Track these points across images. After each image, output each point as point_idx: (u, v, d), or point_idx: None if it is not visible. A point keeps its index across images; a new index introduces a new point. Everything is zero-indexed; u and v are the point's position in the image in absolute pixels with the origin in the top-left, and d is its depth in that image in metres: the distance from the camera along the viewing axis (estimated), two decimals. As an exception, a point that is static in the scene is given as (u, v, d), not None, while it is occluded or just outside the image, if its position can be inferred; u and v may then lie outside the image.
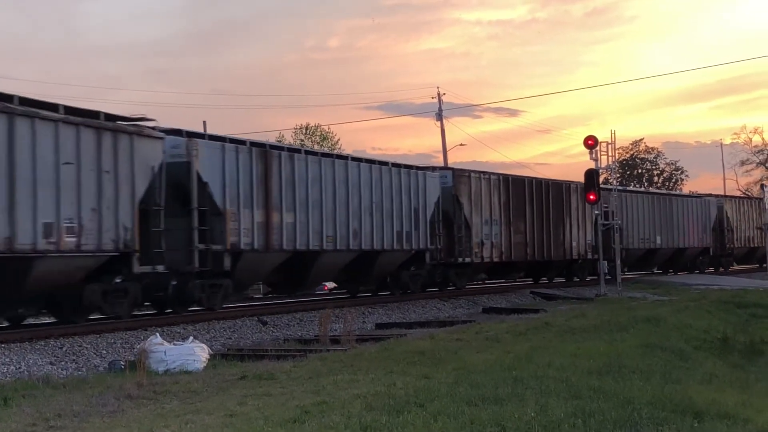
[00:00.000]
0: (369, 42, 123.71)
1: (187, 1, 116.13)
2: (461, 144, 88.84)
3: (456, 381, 10.98)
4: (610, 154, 32.97)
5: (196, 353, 14.18)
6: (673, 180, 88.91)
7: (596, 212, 32.72)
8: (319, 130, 66.99)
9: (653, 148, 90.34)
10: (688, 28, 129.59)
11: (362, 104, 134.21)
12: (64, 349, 15.65)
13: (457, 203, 29.77)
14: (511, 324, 19.62)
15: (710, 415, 9.47)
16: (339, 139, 67.43)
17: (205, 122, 42.90)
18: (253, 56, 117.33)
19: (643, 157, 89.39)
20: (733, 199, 54.52)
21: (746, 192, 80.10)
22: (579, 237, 36.30)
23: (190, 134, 20.86)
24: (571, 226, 35.89)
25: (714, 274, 47.58)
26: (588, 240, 36.71)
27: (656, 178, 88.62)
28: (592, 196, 31.23)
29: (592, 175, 31.40)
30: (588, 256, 36.77)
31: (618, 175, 51.24)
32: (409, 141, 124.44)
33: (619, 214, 38.52)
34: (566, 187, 35.88)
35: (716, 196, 53.51)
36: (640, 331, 17.97)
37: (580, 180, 33.43)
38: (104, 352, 16.02)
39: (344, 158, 25.36)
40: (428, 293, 28.64)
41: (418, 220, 27.62)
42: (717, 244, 49.01)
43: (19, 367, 14.18)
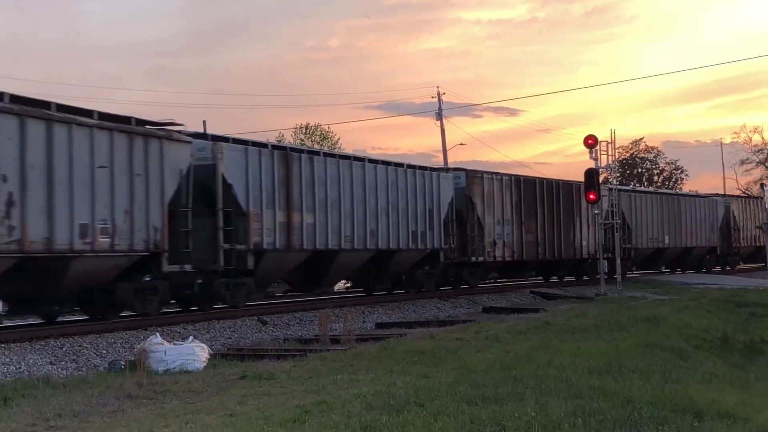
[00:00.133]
0: (369, 42, 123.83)
1: (187, 1, 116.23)
2: (461, 143, 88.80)
3: (456, 380, 10.98)
4: (610, 153, 33.01)
5: (196, 353, 14.18)
6: (673, 179, 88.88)
7: (596, 211, 32.72)
8: (319, 129, 66.99)
9: (653, 148, 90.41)
10: (688, 28, 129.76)
11: (362, 104, 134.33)
12: (64, 349, 15.65)
13: (470, 203, 30.26)
14: (511, 323, 19.62)
15: (710, 414, 9.47)
16: (339, 139, 67.40)
17: (204, 122, 42.74)
18: (253, 56, 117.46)
19: (643, 157, 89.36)
20: (739, 199, 55.05)
21: (746, 191, 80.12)
22: (588, 236, 36.77)
23: (215, 138, 21.47)
24: (581, 226, 36.28)
25: (721, 272, 47.92)
26: (597, 240, 36.84)
27: (656, 177, 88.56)
28: (592, 196, 31.24)
29: (591, 174, 31.41)
30: (597, 256, 36.86)
31: (618, 174, 51.34)
32: (409, 140, 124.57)
33: (629, 214, 39.54)
34: (576, 187, 36.12)
35: (723, 195, 53.97)
36: (640, 330, 17.95)
37: (581, 179, 33.50)
38: (104, 351, 16.02)
39: (361, 160, 25.78)
40: (428, 293, 28.64)
41: (432, 220, 28.13)
42: (724, 244, 49.45)
43: (19, 367, 14.18)
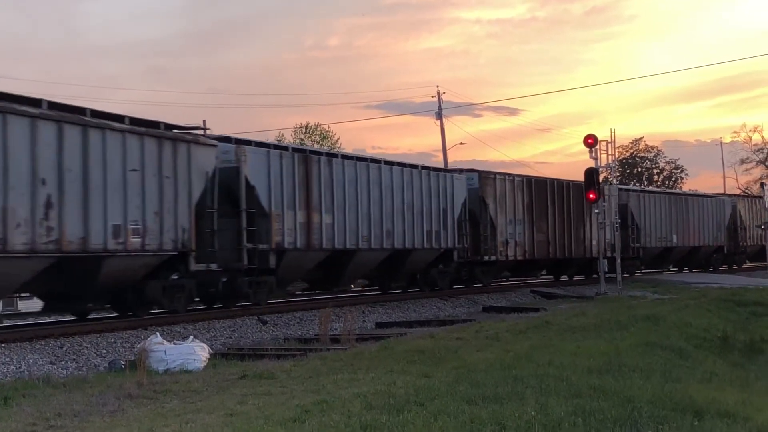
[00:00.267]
0: (368, 41, 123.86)
1: (187, 1, 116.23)
2: (461, 143, 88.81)
3: (456, 380, 10.98)
4: (609, 152, 33.09)
5: (196, 352, 14.18)
6: (673, 179, 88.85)
7: (596, 211, 32.70)
8: (318, 129, 67.00)
9: (653, 147, 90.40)
10: (688, 27, 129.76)
11: (362, 103, 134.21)
12: (65, 349, 15.66)
13: (483, 204, 30.83)
14: (511, 323, 19.60)
15: (710, 413, 9.47)
16: (339, 138, 67.43)
17: (204, 121, 42.59)
18: (253, 55, 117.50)
19: (642, 156, 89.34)
20: (745, 199, 55.90)
21: (746, 190, 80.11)
22: (598, 236, 36.88)
23: (238, 141, 22.19)
24: (590, 226, 36.56)
25: (728, 271, 48.57)
26: (607, 239, 37.33)
27: (656, 176, 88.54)
28: (592, 195, 31.24)
29: (591, 173, 31.41)
30: (607, 254, 37.24)
31: (618, 173, 51.44)
32: (409, 140, 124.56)
33: (637, 213, 40.31)
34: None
35: (730, 195, 54.80)
36: (640, 329, 17.95)
37: (581, 178, 33.54)
38: (104, 351, 16.02)
39: (377, 162, 26.37)
40: (428, 293, 28.72)
41: (446, 220, 28.75)
42: (731, 243, 50.14)
43: (20, 367, 14.18)
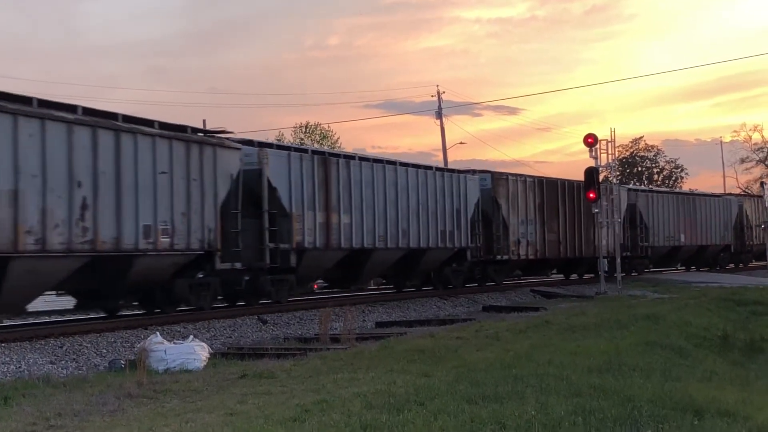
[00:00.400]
0: (368, 40, 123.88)
1: (187, 1, 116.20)
2: (461, 142, 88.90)
3: (456, 379, 10.97)
4: (609, 152, 33.01)
5: (196, 352, 14.18)
6: (673, 178, 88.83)
7: (595, 210, 32.68)
8: (318, 128, 67.01)
9: (653, 146, 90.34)
10: (688, 26, 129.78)
11: (362, 103, 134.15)
12: (64, 349, 15.65)
13: (496, 204, 31.42)
14: (511, 322, 19.60)
15: (710, 412, 9.46)
16: (339, 138, 67.43)
17: (204, 121, 42.61)
18: (253, 55, 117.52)
19: (642, 155, 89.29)
20: (752, 198, 56.69)
21: (746, 190, 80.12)
22: (608, 235, 37.22)
23: (260, 144, 22.96)
24: (601, 225, 36.43)
25: (735, 270, 49.27)
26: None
27: (656, 176, 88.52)
28: (591, 194, 31.22)
29: (591, 173, 31.39)
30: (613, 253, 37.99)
31: (618, 173, 51.56)
32: (409, 139, 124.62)
33: (646, 213, 41.08)
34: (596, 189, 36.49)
35: (737, 195, 55.82)
36: (640, 328, 17.94)
37: (581, 178, 33.56)
38: (104, 351, 16.01)
39: (393, 163, 26.92)
40: (428, 292, 28.83)
41: (459, 220, 29.29)
42: (737, 242, 50.79)
43: (20, 366, 14.18)
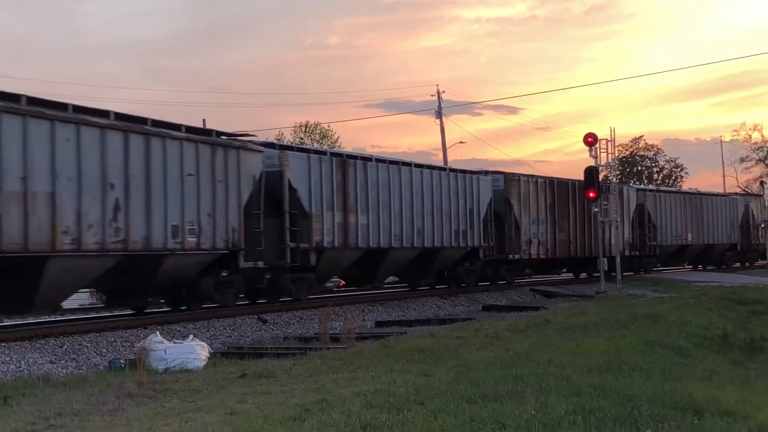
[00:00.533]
0: (368, 40, 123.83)
1: (187, 0, 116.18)
2: (461, 142, 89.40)
3: (456, 379, 10.97)
4: (609, 151, 33.07)
5: (196, 351, 14.18)
6: (673, 177, 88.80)
7: (595, 209, 32.67)
8: (318, 128, 67.00)
9: (653, 146, 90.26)
10: (687, 26, 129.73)
11: (362, 102, 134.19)
12: (64, 348, 15.65)
13: (508, 204, 31.94)
14: (511, 321, 19.60)
15: (710, 412, 9.46)
16: (339, 137, 67.42)
17: (204, 120, 42.69)
18: (253, 55, 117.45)
19: (642, 155, 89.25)
20: (758, 198, 57.34)
21: (746, 189, 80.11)
22: (617, 235, 37.49)
23: (281, 147, 23.83)
24: (609, 225, 36.57)
25: (741, 269, 49.91)
26: (626, 238, 39.18)
27: (656, 175, 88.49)
28: (591, 193, 31.22)
29: (591, 172, 31.39)
30: (625, 252, 39.03)
31: (618, 172, 51.63)
32: (409, 139, 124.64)
33: (654, 212, 41.89)
34: (605, 188, 36.53)
35: (743, 195, 56.56)
36: (640, 328, 17.93)
37: (581, 177, 33.61)
38: (104, 350, 16.01)
39: (408, 165, 27.51)
40: (429, 292, 28.89)
41: (472, 219, 29.93)
42: (744, 241, 51.41)
43: (19, 366, 14.18)
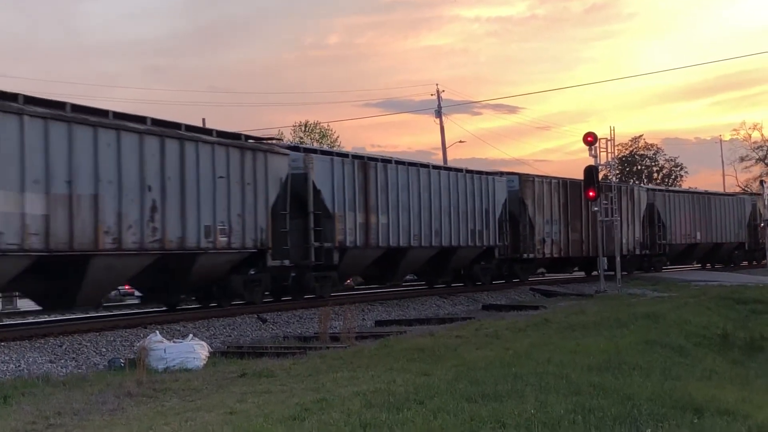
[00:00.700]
0: (368, 39, 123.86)
1: (187, 0, 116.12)
2: (460, 141, 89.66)
3: (456, 378, 10.97)
4: (609, 150, 33.08)
5: (195, 351, 14.18)
6: (673, 177, 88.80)
7: (595, 208, 32.66)
8: (318, 127, 67.05)
9: (652, 145, 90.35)
10: (687, 25, 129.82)
11: (361, 101, 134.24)
12: (64, 347, 15.65)
13: (523, 204, 32.52)
14: (511, 321, 19.60)
15: (710, 411, 9.44)
16: (338, 137, 67.52)
17: (204, 120, 42.73)
18: (253, 54, 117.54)
19: (642, 154, 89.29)
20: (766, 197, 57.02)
21: (745, 188, 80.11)
22: (628, 234, 38.96)
23: (306, 150, 24.65)
24: (621, 225, 37.20)
25: (748, 267, 50.46)
26: (636, 237, 39.88)
27: (656, 174, 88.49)
28: (591, 193, 31.21)
29: (591, 171, 31.37)
30: (636, 251, 39.86)
31: (617, 171, 51.76)
32: (409, 138, 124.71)
33: (663, 211, 42.70)
34: (617, 188, 36.73)
35: (750, 194, 56.77)
36: (640, 327, 17.92)
37: (580, 176, 33.63)
38: (104, 350, 16.01)
39: (426, 166, 28.24)
40: (428, 291, 28.98)
41: (488, 219, 30.64)
42: (751, 239, 51.95)
43: (19, 366, 14.18)
